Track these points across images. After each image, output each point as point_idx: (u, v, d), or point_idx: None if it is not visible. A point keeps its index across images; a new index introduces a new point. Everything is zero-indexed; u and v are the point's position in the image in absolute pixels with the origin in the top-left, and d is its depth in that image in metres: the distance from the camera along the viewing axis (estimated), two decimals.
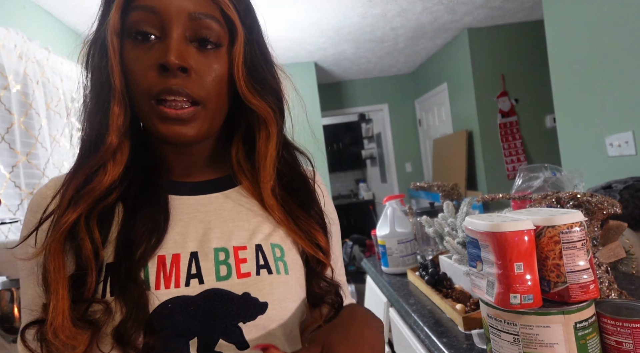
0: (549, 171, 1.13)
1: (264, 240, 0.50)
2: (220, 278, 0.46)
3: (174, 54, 0.43)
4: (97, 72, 0.47)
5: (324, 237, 0.55)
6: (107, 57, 0.46)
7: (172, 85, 0.44)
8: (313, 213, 0.55)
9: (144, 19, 0.44)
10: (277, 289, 0.48)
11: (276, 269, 0.49)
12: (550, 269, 0.58)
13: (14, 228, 1.51)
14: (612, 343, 0.57)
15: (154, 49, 0.44)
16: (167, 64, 0.43)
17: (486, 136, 3.21)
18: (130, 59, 0.45)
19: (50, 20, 2.11)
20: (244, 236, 0.50)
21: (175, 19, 0.44)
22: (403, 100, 4.54)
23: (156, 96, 0.44)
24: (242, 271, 0.47)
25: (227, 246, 0.48)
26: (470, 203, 1.20)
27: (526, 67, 3.18)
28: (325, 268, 0.55)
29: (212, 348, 0.44)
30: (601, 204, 0.74)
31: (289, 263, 0.51)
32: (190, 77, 0.45)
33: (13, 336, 1.09)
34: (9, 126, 1.55)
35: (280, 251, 0.51)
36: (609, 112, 1.87)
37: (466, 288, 1.04)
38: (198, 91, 0.45)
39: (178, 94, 0.44)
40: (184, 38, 0.45)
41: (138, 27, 0.45)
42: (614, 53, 1.80)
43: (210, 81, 0.46)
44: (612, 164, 1.89)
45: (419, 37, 3.24)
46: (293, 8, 2.41)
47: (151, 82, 0.44)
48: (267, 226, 0.52)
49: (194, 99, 0.45)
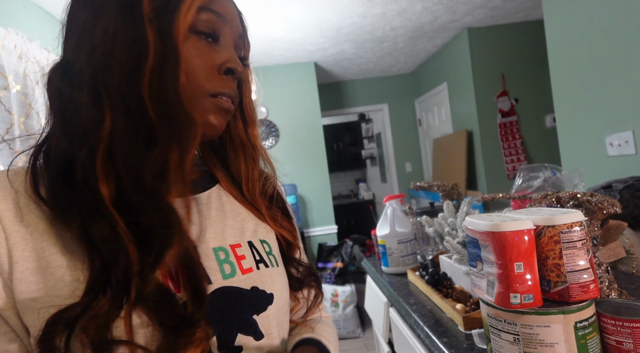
0: (549, 171, 1.13)
1: (253, 237, 0.54)
2: (226, 276, 0.47)
3: (237, 61, 0.48)
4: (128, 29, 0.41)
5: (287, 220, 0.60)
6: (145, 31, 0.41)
7: (231, 89, 0.49)
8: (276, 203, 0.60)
9: (214, 21, 0.46)
10: (276, 280, 0.52)
11: (270, 262, 0.53)
12: (550, 269, 0.58)
13: None
14: (612, 343, 0.57)
15: (215, 51, 0.47)
16: (236, 70, 0.48)
17: (486, 135, 3.21)
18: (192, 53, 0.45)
19: (50, 21, 2.11)
20: (236, 234, 0.52)
21: (235, 31, 0.50)
22: (403, 100, 4.54)
23: (212, 91, 0.46)
24: (244, 267, 0.49)
25: (223, 245, 0.50)
26: (470, 202, 1.20)
27: (526, 67, 3.18)
28: (294, 250, 0.60)
29: (232, 343, 0.46)
30: (601, 203, 0.74)
31: (276, 256, 0.56)
32: (234, 82, 0.50)
33: None
34: (9, 127, 1.55)
35: (268, 246, 0.55)
36: (609, 112, 1.87)
37: (466, 288, 1.04)
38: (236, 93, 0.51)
39: (231, 96, 0.49)
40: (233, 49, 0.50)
41: (209, 27, 0.46)
42: (614, 53, 1.80)
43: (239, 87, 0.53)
44: (612, 164, 1.89)
45: (418, 37, 3.24)
46: (293, 8, 2.41)
47: (213, 79, 0.47)
48: (251, 223, 0.55)
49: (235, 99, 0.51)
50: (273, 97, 3.54)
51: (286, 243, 0.59)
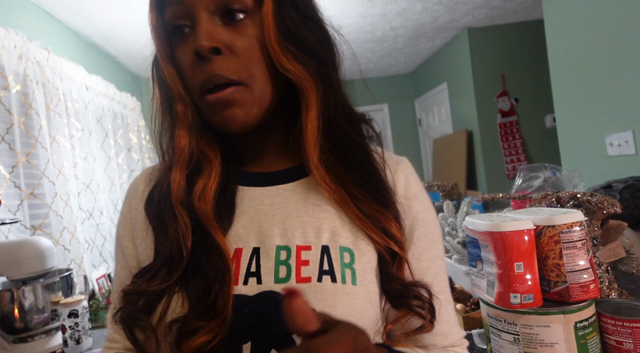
0: (549, 171, 1.13)
1: (331, 241, 0.44)
2: (279, 279, 0.42)
3: (202, 38, 0.41)
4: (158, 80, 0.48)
5: (394, 223, 0.46)
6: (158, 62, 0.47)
7: (209, 73, 0.42)
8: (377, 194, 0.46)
9: (175, 13, 0.43)
10: (340, 302, 0.41)
11: (342, 277, 0.42)
12: (550, 269, 0.58)
13: (14, 229, 1.51)
14: (613, 343, 0.57)
15: (189, 41, 0.43)
16: (198, 51, 0.41)
17: (486, 135, 3.21)
18: (179, 60, 0.45)
19: (50, 21, 2.11)
20: (310, 234, 0.45)
21: (198, 1, 0.42)
22: (403, 100, 4.54)
23: (201, 88, 0.43)
24: (302, 275, 0.42)
25: (289, 245, 0.44)
26: (470, 202, 1.20)
27: (526, 67, 3.18)
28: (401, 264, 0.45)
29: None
30: (601, 203, 0.74)
31: (359, 272, 0.44)
32: (226, 57, 0.42)
33: (13, 336, 1.09)
34: (9, 127, 1.55)
35: (350, 256, 0.44)
36: (609, 112, 1.87)
37: (466, 288, 1.04)
38: (236, 70, 0.43)
39: (217, 80, 0.42)
40: (211, 18, 0.42)
41: (173, 22, 0.44)
42: (614, 53, 1.80)
43: (247, 54, 0.43)
44: (612, 164, 1.88)
45: (418, 37, 3.24)
46: None
47: (195, 76, 0.43)
48: (336, 222, 0.46)
49: (234, 81, 0.43)
50: None
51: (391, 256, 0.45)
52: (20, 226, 1.54)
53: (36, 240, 1.16)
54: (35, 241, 1.15)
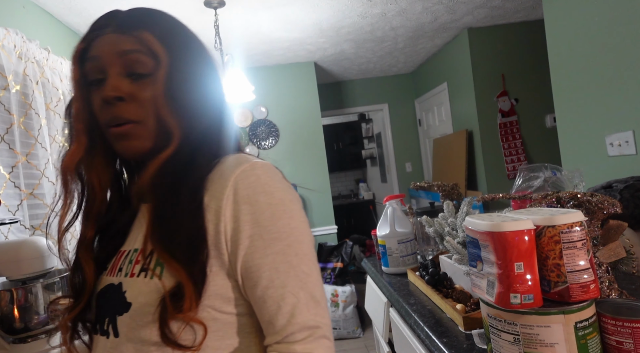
0: (549, 171, 1.13)
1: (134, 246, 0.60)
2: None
3: (109, 89, 0.54)
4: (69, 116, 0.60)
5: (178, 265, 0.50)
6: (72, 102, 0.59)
7: (114, 114, 0.55)
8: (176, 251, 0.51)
9: (92, 67, 0.56)
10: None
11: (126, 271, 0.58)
12: (550, 269, 0.58)
13: (14, 229, 1.51)
14: (613, 343, 0.57)
15: (101, 90, 0.55)
16: (105, 99, 0.54)
17: (486, 135, 3.21)
18: (93, 100, 0.57)
19: (50, 21, 2.11)
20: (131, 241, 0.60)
21: (109, 60, 0.54)
22: (403, 100, 4.54)
23: (108, 125, 0.56)
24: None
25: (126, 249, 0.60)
26: (470, 202, 1.20)
27: (526, 67, 3.18)
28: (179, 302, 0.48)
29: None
30: (601, 203, 0.74)
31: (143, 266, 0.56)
32: (127, 104, 0.55)
33: (13, 336, 1.09)
34: (8, 127, 1.55)
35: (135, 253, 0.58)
36: (609, 112, 1.87)
37: (466, 288, 1.04)
38: (135, 113, 0.55)
39: (119, 119, 0.55)
40: (118, 74, 0.55)
41: (89, 76, 0.56)
42: (614, 53, 1.80)
43: (144, 103, 0.55)
44: (612, 164, 1.88)
45: (418, 37, 3.24)
46: (293, 8, 2.41)
47: (103, 115, 0.56)
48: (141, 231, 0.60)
49: (132, 120, 0.55)
50: (273, 97, 3.54)
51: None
52: (20, 226, 1.54)
53: (36, 240, 1.15)
54: (35, 241, 1.15)
